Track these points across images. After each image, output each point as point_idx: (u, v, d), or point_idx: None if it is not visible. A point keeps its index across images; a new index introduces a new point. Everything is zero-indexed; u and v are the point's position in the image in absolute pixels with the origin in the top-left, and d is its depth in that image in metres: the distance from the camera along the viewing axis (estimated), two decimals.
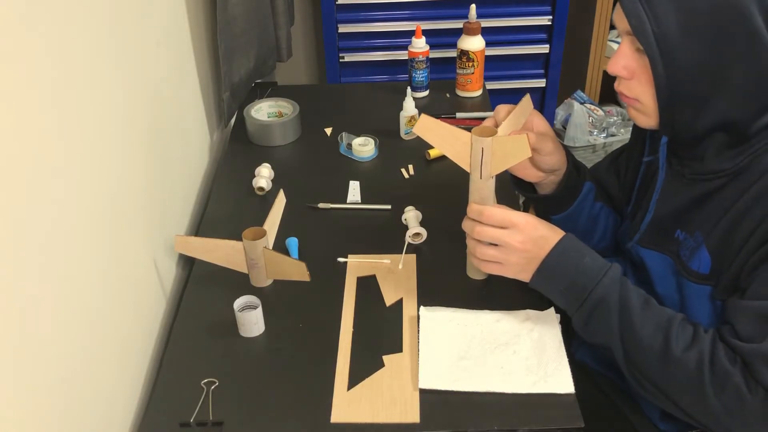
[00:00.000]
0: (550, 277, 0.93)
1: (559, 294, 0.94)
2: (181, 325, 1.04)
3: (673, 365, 0.85)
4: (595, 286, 0.90)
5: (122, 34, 0.98)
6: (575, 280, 0.91)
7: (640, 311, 0.88)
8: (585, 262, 0.92)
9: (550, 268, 0.93)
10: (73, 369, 0.79)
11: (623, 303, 0.89)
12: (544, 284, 0.95)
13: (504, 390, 0.91)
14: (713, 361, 0.83)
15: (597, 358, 1.08)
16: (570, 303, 0.93)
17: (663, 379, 0.86)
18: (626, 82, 0.88)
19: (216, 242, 1.07)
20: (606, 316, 0.89)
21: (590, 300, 0.90)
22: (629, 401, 1.04)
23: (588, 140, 2.25)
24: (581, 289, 0.91)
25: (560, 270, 0.92)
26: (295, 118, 1.45)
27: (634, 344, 0.88)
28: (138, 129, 1.03)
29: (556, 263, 0.92)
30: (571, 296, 0.92)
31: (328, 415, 0.90)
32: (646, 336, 0.87)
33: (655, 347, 0.86)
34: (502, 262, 0.95)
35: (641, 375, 0.88)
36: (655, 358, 0.86)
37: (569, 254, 0.93)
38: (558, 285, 0.93)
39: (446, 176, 1.34)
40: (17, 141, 0.68)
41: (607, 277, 0.90)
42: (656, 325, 0.87)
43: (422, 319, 1.02)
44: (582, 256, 0.92)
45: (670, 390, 0.86)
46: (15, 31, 0.69)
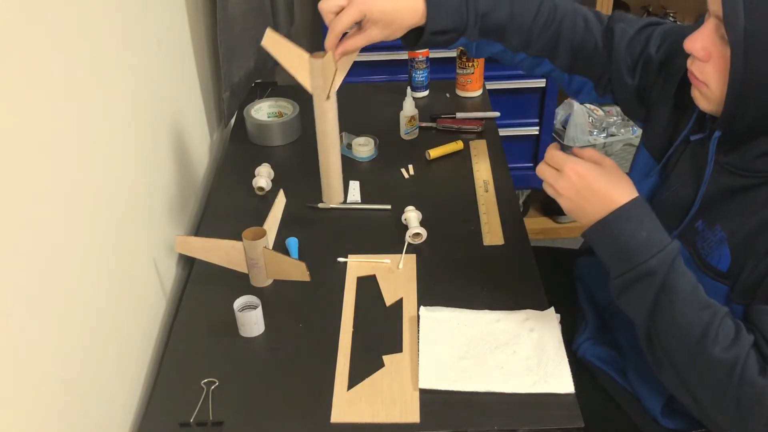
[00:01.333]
0: (601, 237, 0.90)
1: (606, 255, 0.91)
2: (181, 325, 1.04)
3: (704, 360, 0.83)
4: (644, 261, 0.86)
5: (122, 34, 0.98)
6: (626, 248, 0.87)
7: (684, 295, 0.85)
8: (641, 235, 0.87)
9: (601, 229, 0.89)
10: (73, 369, 0.79)
11: (668, 283, 0.86)
12: (594, 240, 0.92)
13: (504, 390, 0.91)
14: (745, 368, 0.81)
15: (599, 355, 1.08)
16: (614, 268, 0.90)
17: (688, 369, 0.84)
18: (700, 64, 0.85)
19: (216, 242, 1.07)
20: (644, 292, 0.86)
21: (634, 272, 0.87)
22: (630, 399, 1.04)
23: (588, 140, 2.25)
24: (628, 259, 0.87)
25: (612, 234, 0.89)
26: (295, 118, 1.45)
27: (668, 325, 0.85)
28: (138, 129, 1.03)
29: (611, 225, 0.89)
30: (617, 263, 0.89)
31: (328, 415, 0.90)
32: (685, 322, 0.84)
33: (693, 335, 0.83)
34: (555, 197, 0.94)
35: (665, 356, 0.86)
36: (688, 346, 0.84)
37: (628, 222, 0.88)
38: (607, 248, 0.90)
39: (446, 176, 1.34)
40: (17, 141, 0.68)
41: (659, 256, 0.86)
42: (698, 313, 0.84)
43: (422, 318, 1.02)
44: (640, 228, 0.88)
45: (692, 381, 0.85)
46: (15, 31, 0.69)
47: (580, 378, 0.93)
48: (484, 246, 1.16)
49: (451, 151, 1.39)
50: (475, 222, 1.21)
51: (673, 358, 0.85)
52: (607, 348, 1.08)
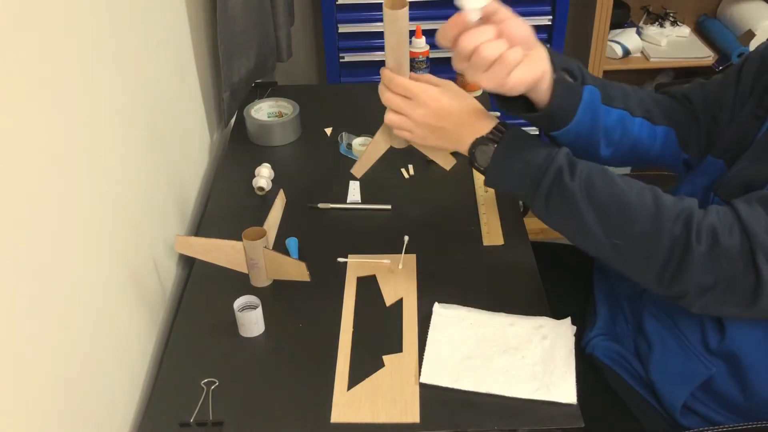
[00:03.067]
0: (505, 167, 0.89)
1: (515, 179, 0.89)
2: (181, 325, 1.04)
3: (663, 213, 0.81)
4: (553, 157, 0.86)
5: (122, 34, 0.98)
6: (529, 160, 0.87)
7: (615, 176, 0.85)
8: (537, 144, 0.89)
9: (502, 160, 0.89)
10: (73, 369, 0.79)
11: (589, 167, 0.86)
12: (496, 174, 0.90)
13: (505, 393, 0.91)
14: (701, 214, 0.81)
15: (608, 352, 1.07)
16: (531, 183, 0.87)
17: (650, 232, 0.82)
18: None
19: (216, 242, 1.07)
20: (569, 187, 0.85)
21: (551, 171, 0.86)
22: (639, 399, 1.04)
23: None
24: (536, 166, 0.86)
25: (514, 154, 0.88)
26: (295, 118, 1.45)
27: (618, 203, 0.83)
28: (138, 129, 1.03)
29: (510, 149, 0.89)
30: (527, 177, 0.87)
31: (328, 415, 0.90)
32: (633, 195, 0.83)
33: (647, 202, 0.82)
34: (410, 131, 0.95)
35: (625, 234, 0.83)
36: (647, 212, 0.82)
37: (519, 140, 0.89)
38: (513, 167, 0.88)
39: (446, 176, 1.34)
40: (16, 141, 0.68)
41: (561, 151, 0.87)
42: (638, 186, 0.85)
43: (435, 315, 1.02)
44: (531, 141, 0.89)
45: (651, 241, 0.82)
46: (14, 31, 0.68)
47: (586, 376, 0.93)
48: (484, 246, 1.16)
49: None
50: (475, 222, 1.21)
51: (634, 230, 0.83)
52: (618, 345, 1.07)
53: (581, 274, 1.23)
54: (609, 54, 2.20)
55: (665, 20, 2.28)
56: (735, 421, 0.96)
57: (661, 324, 1.01)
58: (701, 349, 0.96)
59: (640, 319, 1.05)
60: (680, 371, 0.97)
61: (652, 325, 1.02)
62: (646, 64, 2.21)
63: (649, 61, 2.19)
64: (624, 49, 2.19)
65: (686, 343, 0.97)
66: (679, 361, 0.97)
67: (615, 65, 2.22)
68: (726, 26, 2.22)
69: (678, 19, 2.29)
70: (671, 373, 0.98)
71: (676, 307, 0.99)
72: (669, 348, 0.99)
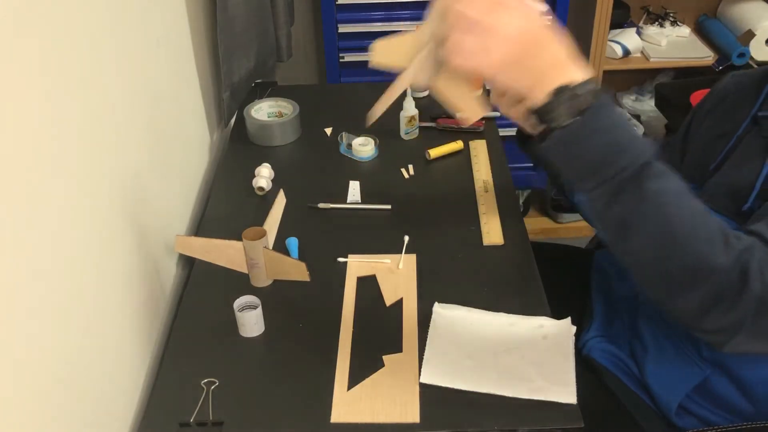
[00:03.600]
0: (587, 134, 0.72)
1: (592, 152, 0.74)
2: (181, 325, 1.04)
3: (728, 252, 0.74)
4: (643, 149, 0.74)
5: (122, 34, 0.98)
6: (621, 142, 0.73)
7: (691, 197, 0.76)
8: (628, 124, 0.74)
9: (590, 127, 0.73)
10: (73, 369, 0.79)
11: (672, 176, 0.75)
12: (576, 137, 0.73)
13: (505, 393, 0.91)
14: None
15: (606, 354, 1.08)
16: (605, 168, 0.74)
17: (711, 267, 0.74)
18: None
19: (216, 242, 1.07)
20: (648, 187, 0.73)
21: (638, 163, 0.73)
22: (637, 400, 1.04)
23: None
24: (626, 152, 0.73)
25: (607, 121, 0.73)
26: (295, 118, 1.45)
27: (689, 225, 0.75)
28: (137, 129, 1.03)
29: (603, 119, 0.73)
30: (608, 162, 0.73)
31: (328, 415, 0.90)
32: (706, 222, 0.75)
33: (717, 237, 0.75)
34: (488, 51, 0.72)
35: (682, 262, 0.75)
36: (712, 245, 0.74)
37: (614, 110, 0.74)
38: (595, 141, 0.73)
39: (446, 176, 1.34)
40: (16, 141, 0.68)
41: (652, 144, 0.75)
42: (708, 214, 0.76)
43: (435, 314, 1.02)
44: (624, 116, 0.78)
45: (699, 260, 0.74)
46: (14, 31, 0.68)
47: (584, 377, 0.93)
48: (484, 246, 1.16)
49: (451, 151, 1.39)
50: (475, 222, 1.21)
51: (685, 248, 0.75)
52: (615, 346, 1.07)
53: (579, 275, 1.24)
54: (609, 54, 2.20)
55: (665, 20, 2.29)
56: (731, 422, 0.96)
57: (656, 326, 1.01)
58: (696, 353, 0.96)
59: (636, 322, 1.05)
60: (675, 373, 0.97)
61: (647, 328, 1.03)
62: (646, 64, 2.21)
63: (649, 61, 2.19)
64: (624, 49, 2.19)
65: (681, 346, 0.97)
66: (674, 364, 0.97)
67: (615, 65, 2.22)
68: (726, 26, 2.23)
69: (678, 19, 2.29)
70: (666, 375, 0.99)
71: None
72: (664, 350, 0.99)
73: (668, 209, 0.74)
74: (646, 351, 1.01)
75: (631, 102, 2.49)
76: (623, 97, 2.51)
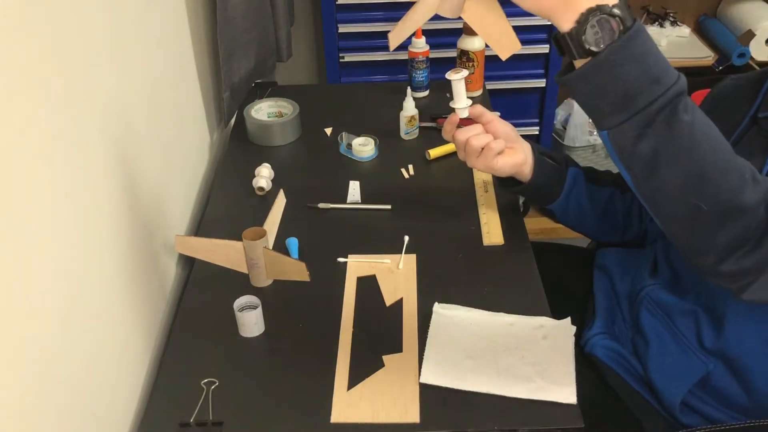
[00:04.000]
0: (619, 61, 0.70)
1: (631, 78, 0.71)
2: (181, 325, 1.04)
3: (758, 189, 0.75)
4: (677, 79, 0.72)
5: (122, 34, 0.98)
6: (653, 71, 0.71)
7: (720, 135, 0.75)
8: (661, 54, 0.72)
9: (624, 54, 0.70)
10: (73, 369, 0.79)
11: (703, 114, 0.74)
12: (607, 65, 0.70)
13: (505, 393, 0.91)
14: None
15: (608, 352, 1.08)
16: (640, 96, 0.71)
17: (742, 206, 0.74)
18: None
19: (216, 242, 1.07)
20: (681, 119, 0.71)
21: (672, 91, 0.71)
22: (639, 399, 1.04)
23: (588, 140, 2.25)
24: (657, 80, 0.71)
25: (641, 49, 0.71)
26: (295, 118, 1.45)
27: (723, 164, 0.74)
28: (137, 129, 1.03)
29: (638, 45, 0.70)
30: (645, 85, 0.71)
31: (328, 415, 0.90)
32: (737, 160, 0.75)
33: (746, 174, 0.75)
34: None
35: (716, 199, 0.74)
36: (745, 184, 0.74)
37: (647, 37, 0.71)
38: (633, 68, 0.70)
39: (446, 176, 1.34)
40: (16, 141, 0.68)
41: (682, 77, 0.73)
42: (736, 156, 0.76)
43: (435, 315, 1.02)
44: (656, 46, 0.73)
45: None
46: (14, 31, 0.68)
47: (585, 374, 0.93)
48: (484, 246, 1.16)
49: (451, 151, 1.39)
50: (475, 222, 1.21)
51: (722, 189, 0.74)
52: (617, 344, 1.07)
53: (580, 273, 1.24)
54: None
55: (665, 20, 2.29)
56: (736, 419, 0.96)
57: (657, 321, 1.01)
58: (697, 346, 0.96)
59: (638, 317, 1.05)
60: (678, 368, 0.97)
61: (649, 323, 1.03)
62: None
63: None
64: None
65: (683, 340, 0.97)
66: (677, 358, 0.97)
67: None
68: (726, 26, 2.22)
69: (678, 19, 2.29)
70: (669, 370, 0.99)
71: (673, 304, 1.00)
72: (666, 345, 0.99)
73: (701, 143, 0.72)
74: (648, 347, 1.01)
75: None
76: None
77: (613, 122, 0.73)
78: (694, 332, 0.96)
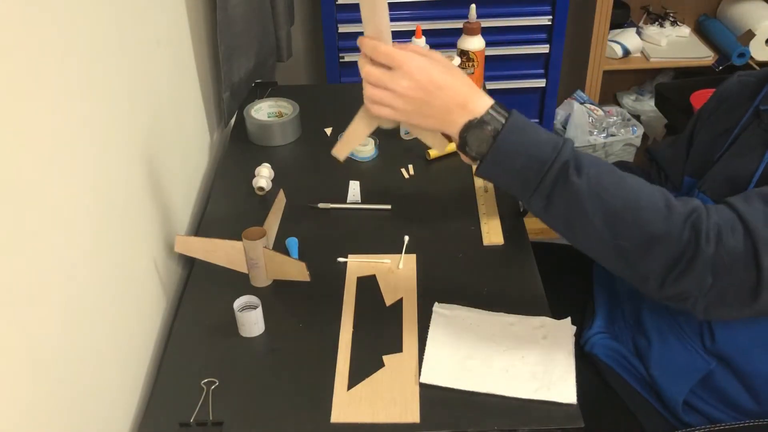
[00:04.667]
0: (503, 158, 0.81)
1: (516, 169, 0.82)
2: (181, 325, 1.04)
3: (674, 216, 0.79)
4: (560, 151, 0.80)
5: (122, 34, 0.98)
6: (533, 152, 0.80)
7: (624, 175, 0.82)
8: (542, 134, 0.82)
9: (503, 151, 0.81)
10: (73, 369, 0.79)
11: (596, 163, 0.81)
12: (493, 164, 0.82)
13: (505, 393, 0.91)
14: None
15: (608, 351, 1.08)
16: (530, 179, 0.81)
17: (661, 235, 0.79)
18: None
19: (216, 242, 1.07)
20: (575, 186, 0.80)
21: (556, 165, 0.80)
22: (639, 399, 1.04)
23: (588, 140, 2.25)
24: (541, 160, 0.80)
25: (516, 143, 0.81)
26: (295, 118, 1.45)
27: (628, 204, 0.80)
28: (138, 129, 1.03)
29: (512, 140, 0.81)
30: (532, 169, 0.81)
31: (328, 415, 0.90)
32: (644, 195, 0.80)
33: (658, 204, 0.80)
34: (391, 106, 0.84)
35: (634, 236, 0.80)
36: (658, 213, 0.79)
37: (520, 128, 0.81)
38: (514, 161, 0.81)
39: (446, 176, 1.34)
40: (16, 141, 0.68)
41: (567, 144, 0.81)
42: (647, 186, 0.82)
43: (435, 314, 1.02)
44: (535, 129, 0.83)
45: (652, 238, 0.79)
46: (14, 31, 0.69)
47: (585, 374, 0.93)
48: (484, 246, 1.16)
49: (451, 151, 1.39)
50: (475, 222, 1.21)
51: (638, 226, 0.80)
52: (618, 343, 1.07)
53: (581, 273, 1.24)
54: (609, 54, 2.20)
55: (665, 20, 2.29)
56: (737, 419, 0.96)
57: (660, 319, 1.01)
58: (700, 344, 0.96)
59: (639, 317, 1.05)
60: (680, 366, 0.97)
61: (651, 321, 1.03)
62: (646, 64, 2.21)
63: (649, 61, 2.20)
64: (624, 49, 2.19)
65: (685, 338, 0.97)
66: (679, 356, 0.98)
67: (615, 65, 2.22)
68: (726, 26, 2.23)
69: (678, 19, 2.29)
70: (671, 369, 0.99)
71: None
72: (668, 343, 0.99)
73: (600, 194, 0.80)
74: (650, 345, 1.01)
75: (631, 102, 2.50)
76: (623, 97, 2.51)
77: (525, 198, 0.84)
78: (697, 330, 0.96)
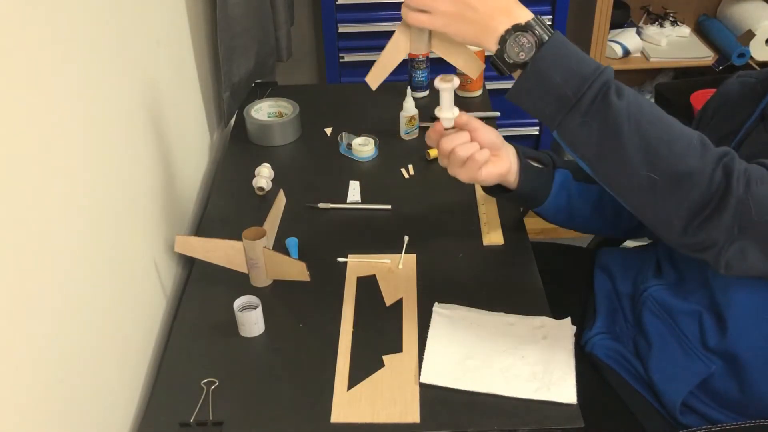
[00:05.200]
0: (544, 69, 0.79)
1: (552, 87, 0.80)
2: (181, 325, 1.04)
3: (708, 153, 0.78)
4: (602, 71, 0.78)
5: (122, 34, 0.98)
6: (575, 67, 0.79)
7: (659, 108, 0.80)
8: (584, 54, 0.80)
9: (546, 61, 0.79)
10: (73, 369, 0.79)
11: (634, 92, 0.80)
12: (534, 75, 0.80)
13: (505, 393, 0.91)
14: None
15: (609, 352, 1.08)
16: (571, 88, 0.79)
17: (694, 170, 0.77)
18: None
19: (216, 242, 1.07)
20: (614, 107, 0.78)
21: (599, 81, 0.78)
22: (639, 399, 1.04)
23: None
24: (581, 76, 0.78)
25: (560, 55, 0.79)
26: (295, 118, 1.45)
27: (666, 133, 0.78)
28: (138, 129, 1.03)
29: (555, 52, 0.79)
30: (569, 87, 0.79)
31: (328, 415, 0.90)
32: (680, 129, 0.79)
33: (693, 140, 0.78)
34: (432, 10, 0.82)
35: (668, 168, 0.78)
36: (693, 149, 0.78)
37: (565, 42, 0.80)
38: (559, 68, 0.79)
39: (446, 176, 1.34)
40: (17, 141, 0.68)
41: (608, 67, 0.79)
42: (682, 124, 0.80)
43: (435, 314, 1.02)
44: (578, 49, 0.81)
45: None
46: (14, 31, 0.69)
47: (586, 374, 0.93)
48: (484, 246, 1.16)
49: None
50: (475, 222, 1.21)
51: (671, 161, 0.79)
52: (618, 344, 1.07)
53: (581, 273, 1.24)
54: (609, 54, 2.20)
55: (665, 20, 2.29)
56: (734, 420, 0.96)
57: (660, 322, 1.01)
58: (700, 347, 0.96)
59: (640, 318, 1.05)
60: (679, 369, 0.97)
61: (651, 323, 1.03)
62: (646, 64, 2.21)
63: (649, 61, 2.19)
64: (624, 49, 2.19)
65: (685, 341, 0.97)
66: (679, 359, 0.98)
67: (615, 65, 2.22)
68: (726, 26, 2.22)
69: (678, 19, 2.29)
70: (671, 371, 0.99)
71: (676, 306, 0.99)
72: (668, 346, 0.99)
73: (639, 120, 0.78)
74: (650, 347, 1.01)
75: None
76: None
77: (557, 120, 0.81)
78: (698, 334, 0.96)
